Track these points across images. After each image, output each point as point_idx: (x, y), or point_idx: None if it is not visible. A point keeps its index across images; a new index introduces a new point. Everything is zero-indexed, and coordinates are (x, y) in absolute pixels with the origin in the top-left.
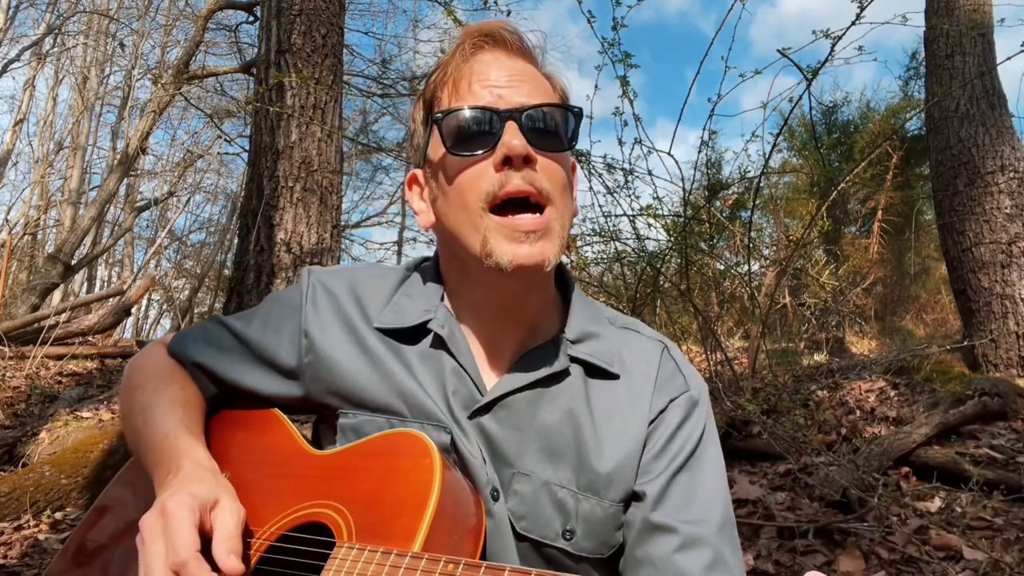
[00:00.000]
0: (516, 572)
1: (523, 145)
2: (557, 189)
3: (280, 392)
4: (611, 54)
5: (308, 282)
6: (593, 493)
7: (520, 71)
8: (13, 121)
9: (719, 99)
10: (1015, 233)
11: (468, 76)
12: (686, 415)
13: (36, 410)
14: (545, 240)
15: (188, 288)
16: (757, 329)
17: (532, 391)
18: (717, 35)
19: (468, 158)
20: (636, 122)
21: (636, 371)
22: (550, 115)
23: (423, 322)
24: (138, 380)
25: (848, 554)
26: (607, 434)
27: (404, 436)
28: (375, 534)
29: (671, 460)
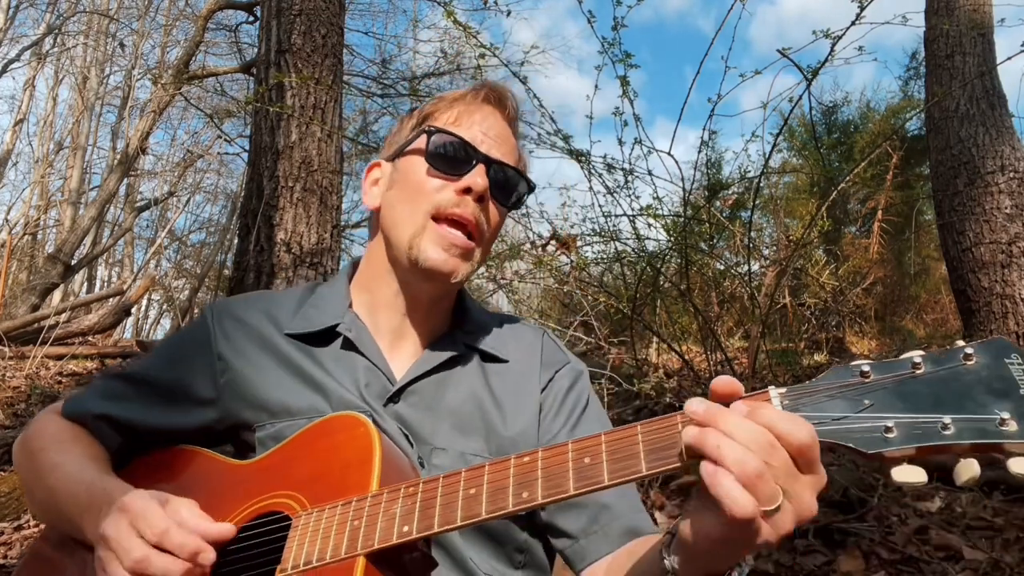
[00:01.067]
0: (472, 470)
1: (484, 185)
2: (489, 233)
3: (193, 423)
4: (611, 54)
5: (212, 313)
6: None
7: (505, 135)
8: (13, 121)
9: (719, 99)
10: (1015, 233)
11: (470, 114)
12: (572, 382)
13: (36, 410)
14: (463, 260)
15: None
16: (757, 329)
17: (436, 376)
18: (717, 35)
19: (438, 171)
20: (636, 122)
21: (522, 353)
22: (512, 177)
23: (332, 325)
24: (39, 445)
25: (848, 554)
26: (507, 405)
27: (333, 418)
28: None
29: (568, 415)
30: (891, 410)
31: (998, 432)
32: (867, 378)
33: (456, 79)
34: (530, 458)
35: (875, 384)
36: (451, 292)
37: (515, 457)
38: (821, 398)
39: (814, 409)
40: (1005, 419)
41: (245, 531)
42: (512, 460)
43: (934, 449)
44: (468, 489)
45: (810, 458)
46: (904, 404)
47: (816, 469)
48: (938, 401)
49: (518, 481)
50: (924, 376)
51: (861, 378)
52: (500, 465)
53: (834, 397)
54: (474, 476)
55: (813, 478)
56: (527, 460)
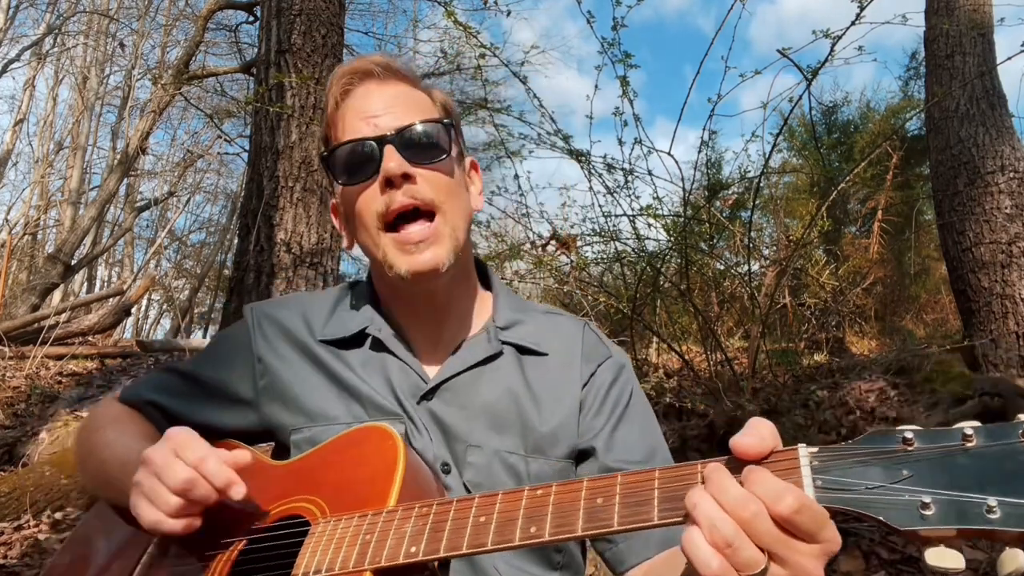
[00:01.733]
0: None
1: (398, 165)
2: (443, 195)
3: (236, 423)
4: (611, 54)
5: (252, 316)
6: (540, 453)
7: (392, 96)
8: (13, 121)
9: (719, 99)
10: (1015, 233)
11: (344, 114)
12: (616, 375)
13: (36, 410)
14: (436, 246)
15: (188, 288)
16: (757, 329)
17: (471, 372)
18: (717, 35)
19: (357, 185)
20: (636, 122)
21: (563, 346)
22: (425, 130)
23: (362, 329)
24: (96, 424)
25: (848, 554)
26: (545, 401)
27: (365, 429)
28: (349, 509)
29: (611, 413)
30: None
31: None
32: (910, 446)
33: (456, 79)
34: (543, 492)
35: (917, 454)
36: (463, 280)
37: (528, 489)
38: (855, 463)
39: (845, 474)
40: None
41: (269, 531)
42: (525, 492)
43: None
44: (478, 516)
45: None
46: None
47: (818, 537)
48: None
49: (527, 515)
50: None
51: (903, 445)
52: (513, 495)
53: (870, 464)
54: (486, 504)
55: (815, 547)
56: (540, 494)
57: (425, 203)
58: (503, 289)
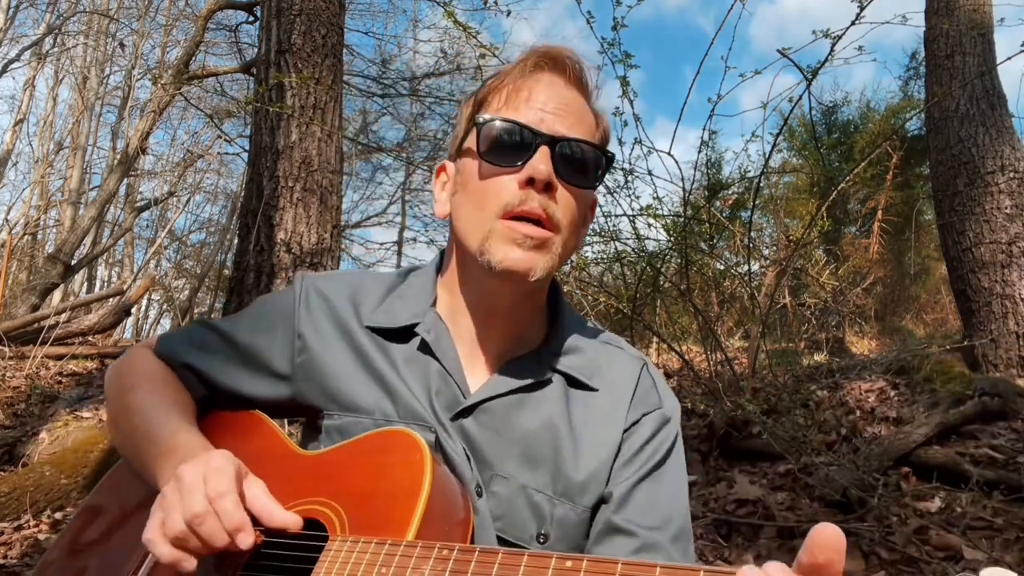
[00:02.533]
0: (509, 555)
1: (548, 172)
2: (567, 220)
3: (268, 394)
4: (611, 54)
5: (301, 286)
6: (568, 499)
7: (569, 101)
8: (13, 121)
9: (719, 99)
10: (1015, 233)
11: (521, 91)
12: (657, 429)
13: (36, 410)
14: (540, 252)
15: (188, 288)
16: (757, 329)
17: (513, 397)
18: (717, 35)
19: (496, 167)
20: (636, 122)
21: (615, 385)
22: (583, 151)
23: (411, 324)
24: (130, 382)
25: (848, 554)
26: (584, 443)
27: (394, 434)
28: (368, 527)
29: (638, 468)
30: None
31: None
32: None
33: (456, 79)
34: (573, 564)
35: None
36: (535, 297)
37: (557, 557)
38: None
39: None
40: None
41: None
42: (553, 559)
43: None
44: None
45: None
46: None
47: None
48: None
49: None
50: None
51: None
52: (539, 561)
53: None
54: (510, 563)
55: None
56: (569, 566)
57: (551, 221)
58: (567, 310)
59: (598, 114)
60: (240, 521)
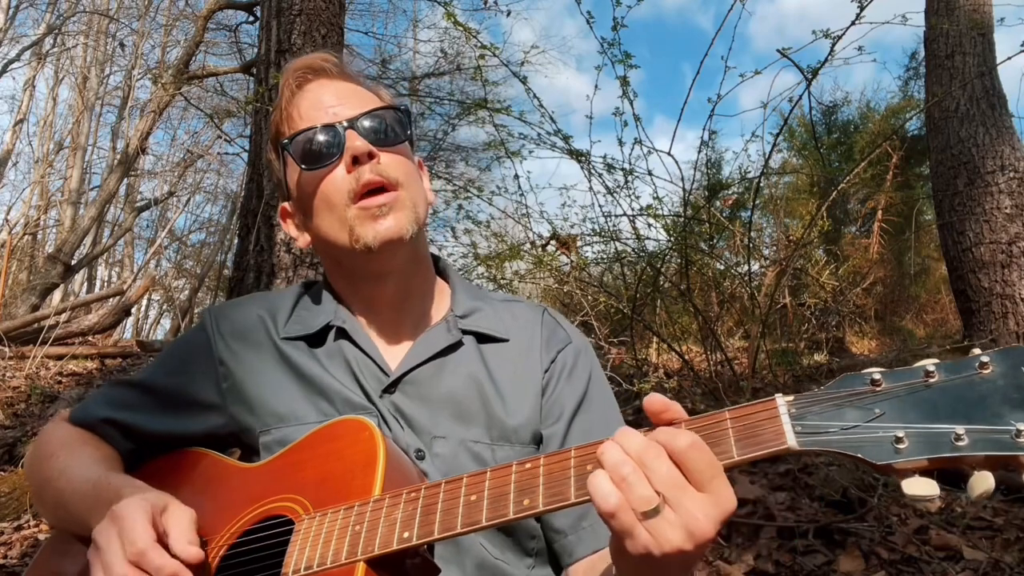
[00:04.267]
0: (474, 475)
1: (365, 144)
2: (403, 175)
3: (201, 428)
4: (611, 54)
5: (210, 317)
6: (505, 440)
7: (345, 91)
8: (13, 121)
9: (719, 99)
10: (1015, 233)
11: (300, 105)
12: (574, 362)
13: (36, 410)
14: (397, 211)
15: (188, 288)
16: (757, 329)
17: (432, 364)
18: (717, 35)
19: (321, 169)
20: (636, 122)
21: (523, 332)
22: (381, 117)
23: (326, 324)
24: (48, 451)
25: (848, 554)
26: (508, 388)
27: (339, 423)
28: (333, 503)
29: (567, 403)
30: (902, 420)
31: (1014, 444)
32: (878, 387)
33: (456, 79)
34: (532, 464)
35: (886, 393)
36: (421, 267)
37: (516, 464)
38: (830, 407)
39: (822, 418)
40: (1022, 430)
41: (249, 535)
42: (514, 466)
43: (947, 461)
44: (469, 496)
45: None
46: (916, 414)
47: (711, 488)
48: (951, 411)
49: (519, 488)
50: (937, 385)
51: (872, 386)
52: (502, 471)
53: (843, 406)
54: (475, 482)
55: (707, 497)
56: (529, 467)
57: (390, 181)
58: (459, 280)
59: (375, 88)
60: (172, 569)
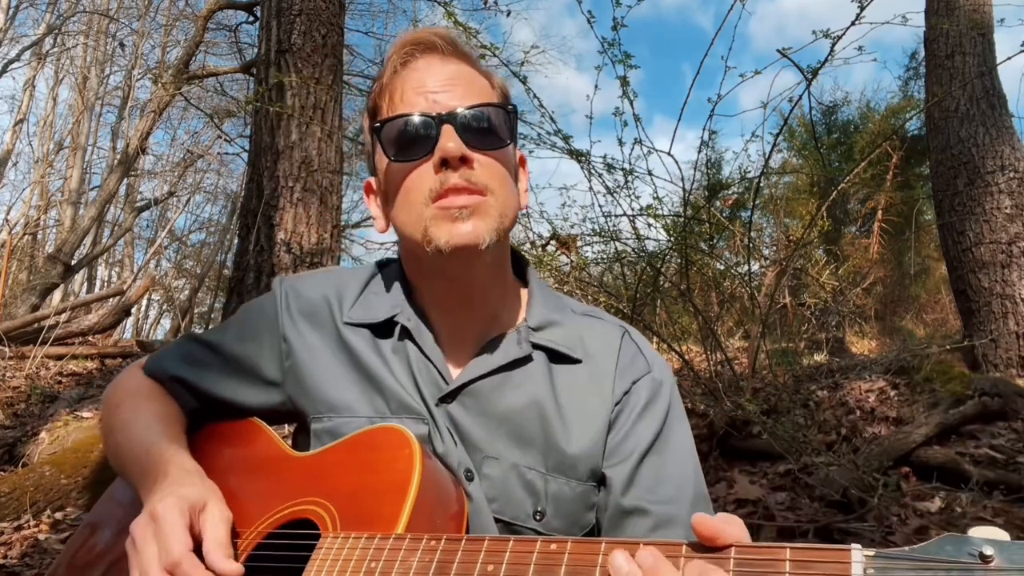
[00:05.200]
0: (495, 541)
1: (458, 147)
2: (495, 182)
3: (260, 402)
4: (611, 54)
5: (281, 290)
6: (561, 473)
7: (454, 74)
8: (13, 121)
9: (719, 99)
10: (1015, 233)
11: (402, 86)
12: (651, 396)
13: (36, 410)
14: (478, 218)
15: (188, 288)
16: (757, 329)
17: (496, 377)
18: (717, 35)
19: (409, 163)
20: (636, 122)
21: (598, 355)
22: (486, 114)
23: (391, 316)
24: (117, 400)
25: None
26: (572, 416)
27: (383, 430)
28: (359, 523)
29: (637, 443)
30: None
31: None
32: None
33: None
34: (558, 546)
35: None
36: (499, 274)
37: (542, 541)
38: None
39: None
40: None
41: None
42: (538, 544)
43: None
44: (486, 564)
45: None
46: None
47: None
48: None
49: (539, 570)
50: None
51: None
52: (525, 545)
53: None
54: (495, 550)
55: None
56: (554, 548)
57: (477, 188)
58: (540, 286)
59: (489, 75)
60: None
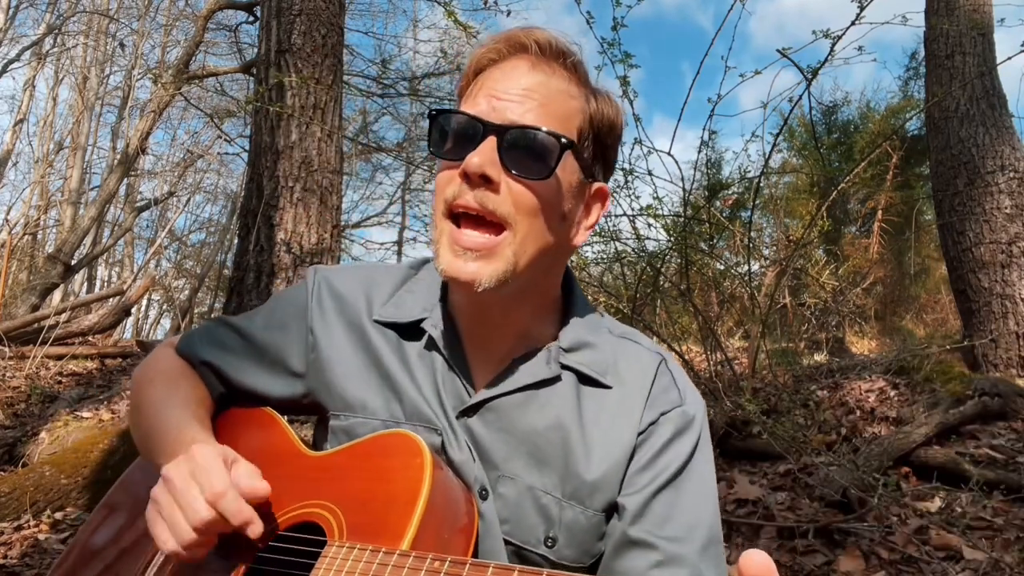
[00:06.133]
0: (500, 569)
1: (481, 163)
2: (522, 213)
3: (282, 392)
4: (611, 54)
5: (314, 280)
6: (578, 502)
7: (535, 86)
8: (13, 121)
9: (719, 99)
10: (1015, 233)
11: (479, 80)
12: (677, 431)
13: (36, 410)
14: (485, 261)
15: (188, 288)
16: (757, 329)
17: (521, 395)
18: (717, 35)
19: (444, 160)
20: (636, 122)
21: (630, 382)
22: (534, 139)
23: (419, 319)
24: (150, 376)
25: (848, 554)
26: (595, 443)
27: (396, 436)
28: (366, 532)
29: (656, 475)
30: None
31: None
32: None
33: (456, 79)
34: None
35: None
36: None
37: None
38: None
39: None
40: None
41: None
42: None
43: None
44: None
45: None
46: None
47: None
48: None
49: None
50: None
51: None
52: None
53: None
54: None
55: None
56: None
57: (492, 216)
58: (582, 303)
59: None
60: (247, 516)
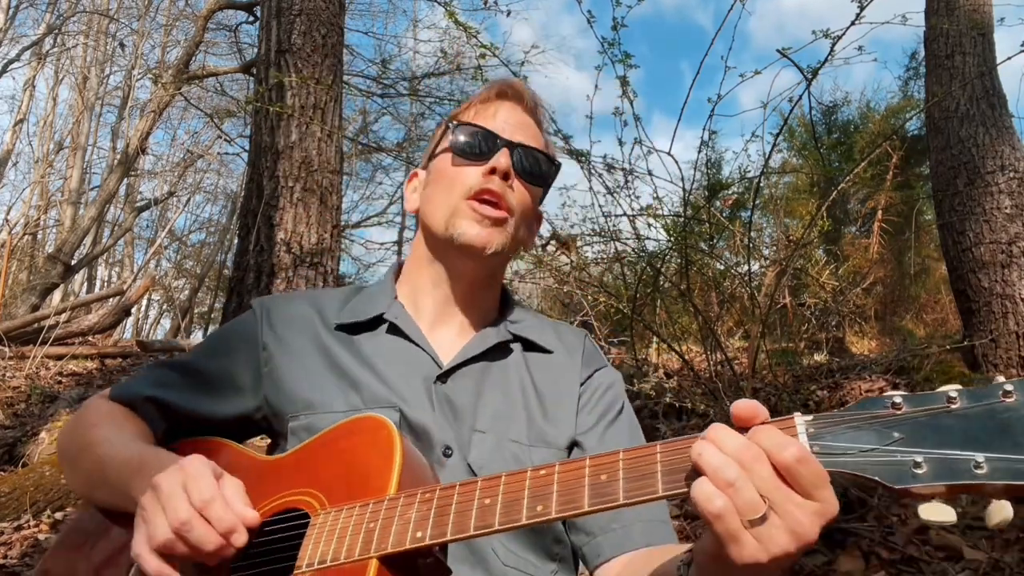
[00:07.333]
0: (488, 479)
1: (507, 164)
2: (520, 209)
3: (233, 411)
4: (611, 54)
5: (260, 307)
6: (543, 444)
7: (525, 123)
8: (13, 121)
9: (719, 99)
10: (1015, 233)
11: (488, 108)
12: (610, 383)
13: (36, 410)
14: (497, 230)
15: (188, 288)
16: (757, 329)
17: (483, 363)
18: (717, 35)
19: (465, 160)
20: (636, 122)
21: (565, 347)
22: (537, 157)
23: (378, 314)
24: (91, 420)
25: (848, 554)
26: (548, 395)
27: (359, 420)
28: (349, 499)
29: (603, 415)
30: (922, 445)
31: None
32: (898, 410)
33: (456, 79)
34: (547, 471)
35: (906, 417)
36: (491, 274)
37: (532, 469)
38: (849, 428)
39: (839, 439)
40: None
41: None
42: (528, 472)
43: (965, 488)
44: (483, 499)
45: (801, 479)
46: (936, 439)
47: (816, 494)
48: (972, 438)
49: (533, 494)
50: (959, 411)
51: (892, 410)
52: (516, 476)
53: (862, 428)
54: (490, 486)
55: (813, 504)
56: (543, 473)
57: (505, 204)
58: (512, 297)
59: (547, 138)
60: (232, 523)
